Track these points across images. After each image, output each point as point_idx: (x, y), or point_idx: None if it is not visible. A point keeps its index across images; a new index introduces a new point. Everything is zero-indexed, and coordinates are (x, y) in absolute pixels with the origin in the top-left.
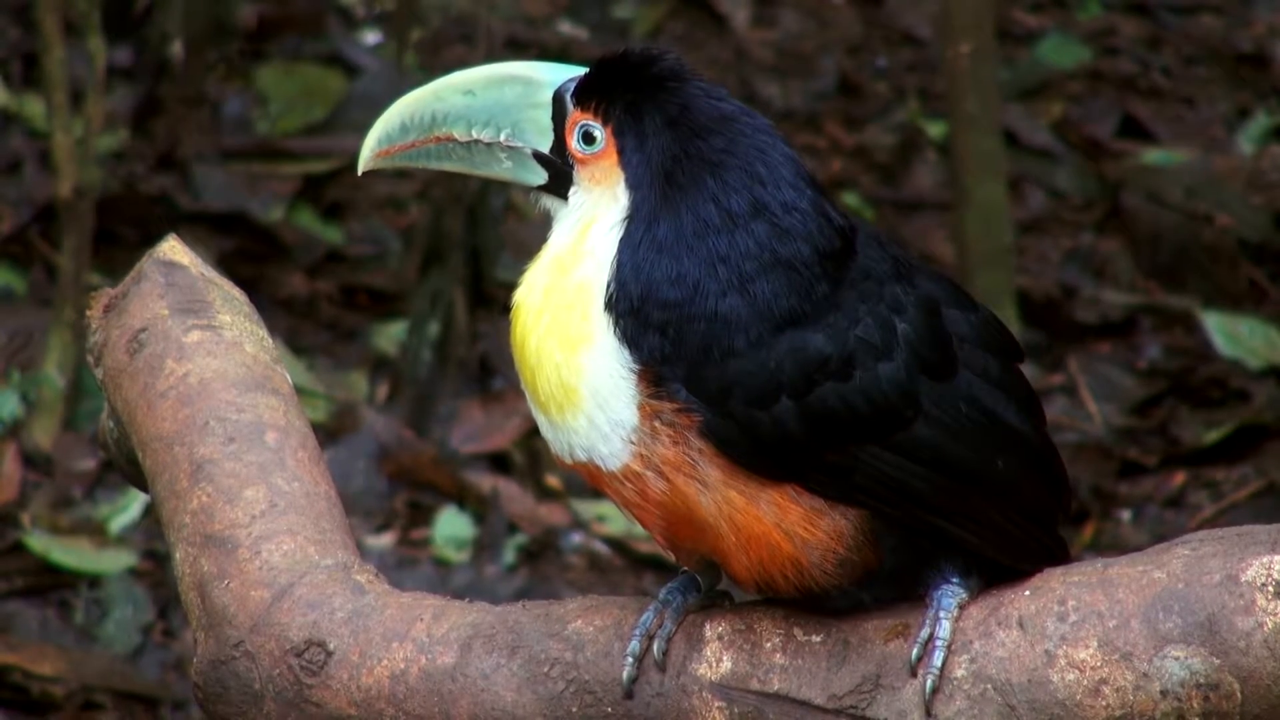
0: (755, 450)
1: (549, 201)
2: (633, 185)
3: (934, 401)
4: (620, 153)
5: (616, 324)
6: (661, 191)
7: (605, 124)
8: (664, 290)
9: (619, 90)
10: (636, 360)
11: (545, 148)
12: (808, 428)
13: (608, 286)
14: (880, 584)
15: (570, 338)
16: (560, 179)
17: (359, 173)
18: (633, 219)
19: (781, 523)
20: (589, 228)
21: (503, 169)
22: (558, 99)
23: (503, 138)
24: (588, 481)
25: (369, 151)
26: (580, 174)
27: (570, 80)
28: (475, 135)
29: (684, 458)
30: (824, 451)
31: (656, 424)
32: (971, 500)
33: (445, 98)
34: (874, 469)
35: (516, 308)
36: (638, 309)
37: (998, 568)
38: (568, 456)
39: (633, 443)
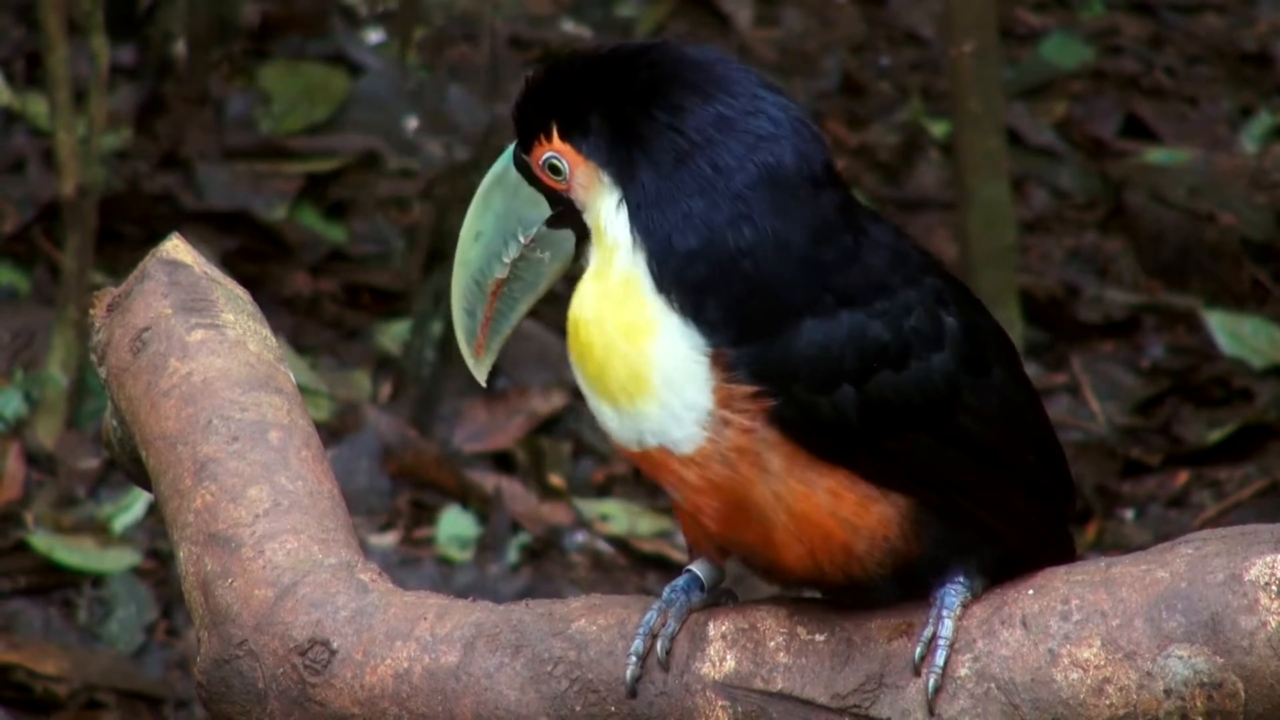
0: (816, 435)
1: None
2: (606, 165)
3: (973, 395)
4: (580, 152)
5: (670, 301)
6: (630, 155)
7: (551, 141)
8: (681, 240)
9: (547, 112)
10: (707, 342)
11: (549, 211)
12: (864, 414)
13: (647, 266)
14: (914, 576)
15: (633, 329)
16: (578, 221)
17: (483, 384)
18: (627, 196)
19: (836, 510)
20: (604, 228)
21: (548, 264)
22: (518, 163)
23: (524, 240)
24: (647, 472)
25: (471, 359)
26: (577, 200)
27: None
28: (508, 261)
29: (751, 443)
30: (878, 438)
31: (729, 411)
32: (1007, 492)
33: (469, 259)
34: (923, 457)
35: (573, 324)
36: (677, 272)
37: (1005, 567)
38: (635, 445)
39: (705, 427)
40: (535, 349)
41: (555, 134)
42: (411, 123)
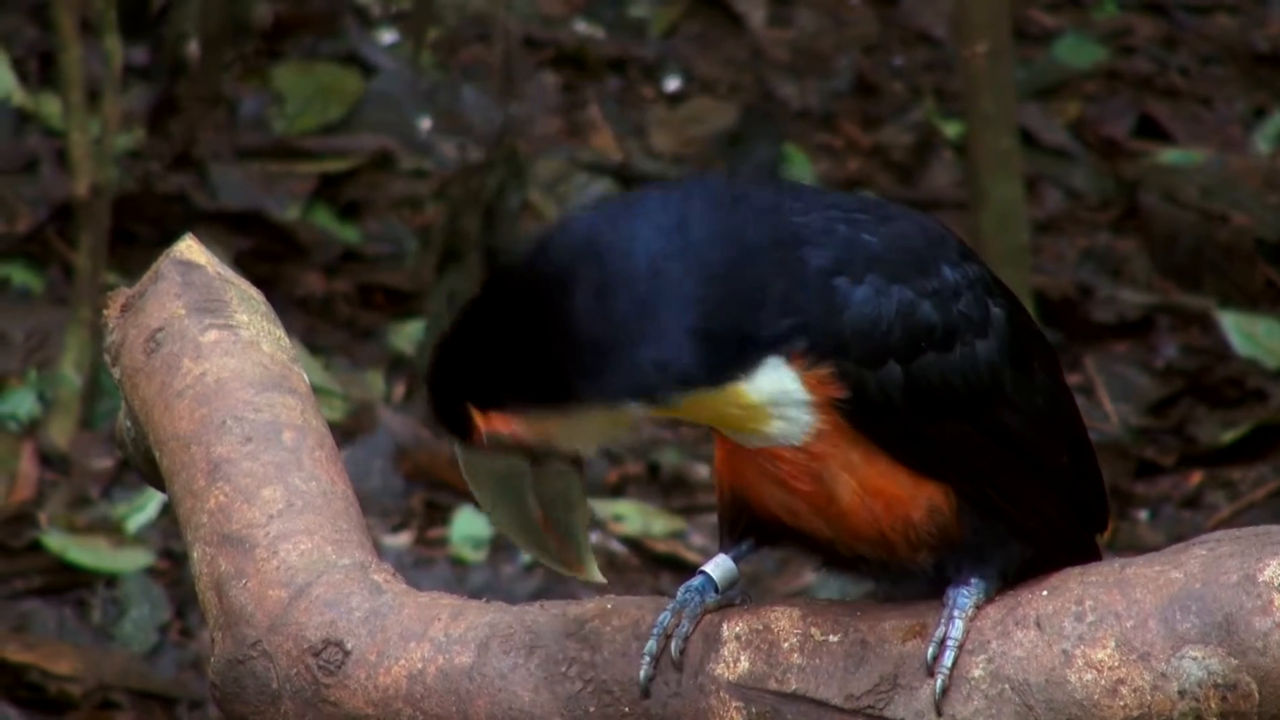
0: (860, 413)
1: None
2: (550, 408)
3: (1015, 390)
4: (512, 415)
5: (700, 385)
6: (560, 386)
7: (484, 422)
8: (676, 370)
9: (456, 401)
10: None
11: (525, 462)
12: (909, 395)
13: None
14: (952, 564)
15: (726, 410)
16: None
17: (603, 580)
18: (595, 408)
19: (895, 475)
20: (609, 424)
21: (563, 488)
22: (470, 449)
23: (529, 485)
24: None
25: (577, 574)
26: (538, 446)
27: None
28: (534, 504)
29: (829, 416)
30: (920, 423)
31: (815, 393)
32: (1039, 492)
33: (504, 519)
34: (961, 447)
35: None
36: (681, 380)
37: (1028, 569)
38: (755, 446)
39: (808, 415)
40: None
41: (481, 415)
42: (425, 123)
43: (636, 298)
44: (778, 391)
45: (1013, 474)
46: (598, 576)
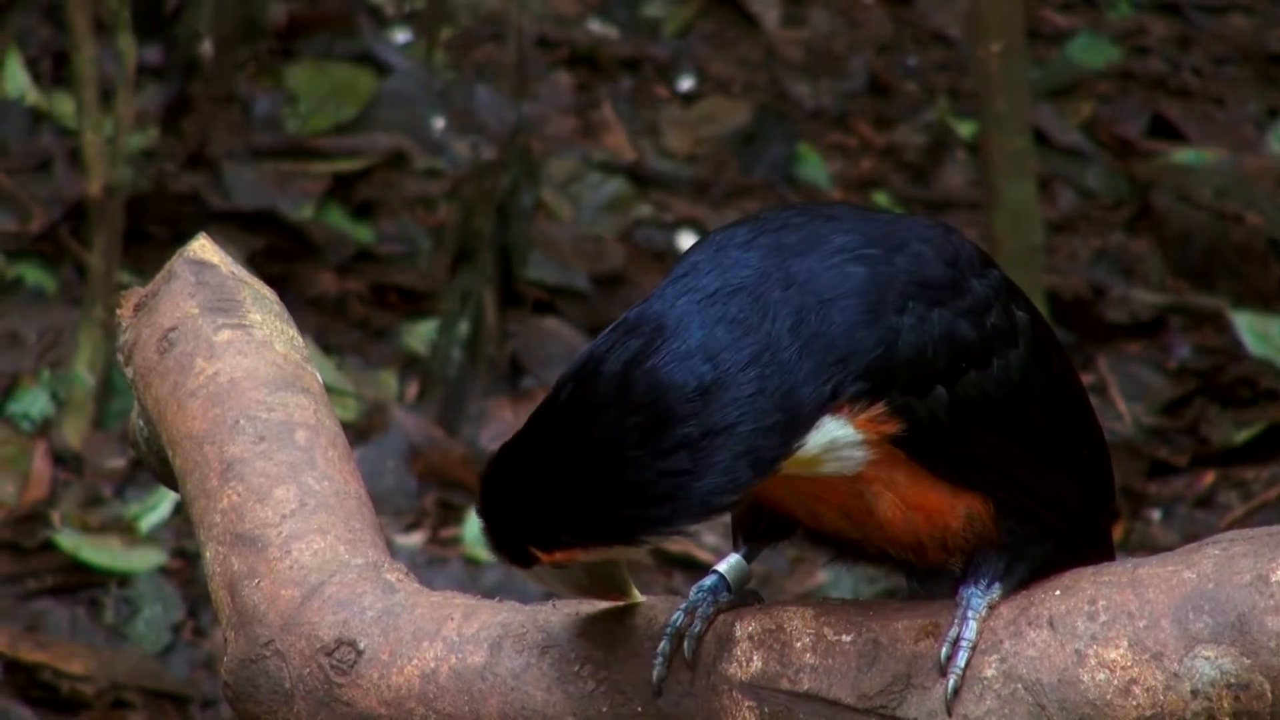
0: (909, 437)
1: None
2: (611, 544)
3: (1041, 390)
4: (577, 549)
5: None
6: (621, 527)
7: (549, 556)
8: (721, 495)
9: (522, 546)
10: (810, 401)
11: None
12: (953, 414)
13: (732, 486)
14: (991, 560)
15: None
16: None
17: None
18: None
19: (938, 491)
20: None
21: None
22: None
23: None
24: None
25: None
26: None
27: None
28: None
29: (881, 447)
30: (962, 439)
31: (866, 430)
32: (1065, 488)
33: (563, 591)
34: (997, 456)
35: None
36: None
37: (1049, 566)
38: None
39: (860, 450)
40: (561, 349)
41: (545, 553)
42: (438, 122)
43: (687, 436)
44: (827, 443)
45: (1044, 474)
46: (639, 598)
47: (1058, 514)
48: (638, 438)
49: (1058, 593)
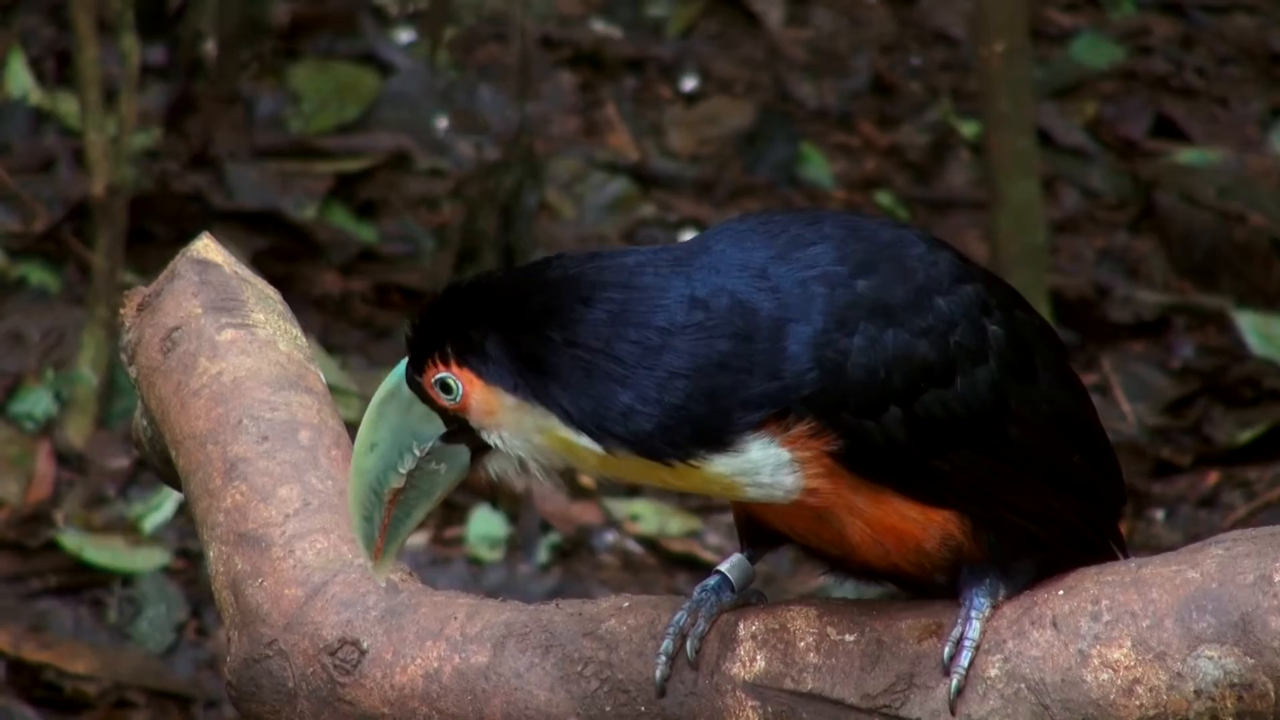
0: (863, 459)
1: (492, 465)
2: (512, 388)
3: (1020, 403)
4: (478, 374)
5: (681, 458)
6: (536, 373)
7: (446, 365)
8: (636, 427)
9: (436, 331)
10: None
11: (442, 428)
12: (912, 435)
13: (637, 455)
14: (976, 573)
15: (689, 477)
16: (474, 439)
17: (382, 584)
18: (553, 413)
19: (906, 513)
20: (559, 437)
21: (443, 476)
22: (410, 383)
23: (419, 453)
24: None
25: (370, 563)
26: (474, 421)
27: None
28: (404, 472)
29: (825, 469)
30: (925, 458)
31: (799, 450)
32: (1053, 499)
33: (364, 468)
34: (968, 473)
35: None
36: (664, 446)
37: (1053, 567)
38: (751, 502)
39: (792, 474)
40: None
41: (451, 358)
42: (442, 122)
43: (643, 344)
44: (745, 466)
45: (1024, 488)
46: (384, 577)
47: (1042, 525)
48: (609, 312)
49: (1061, 593)
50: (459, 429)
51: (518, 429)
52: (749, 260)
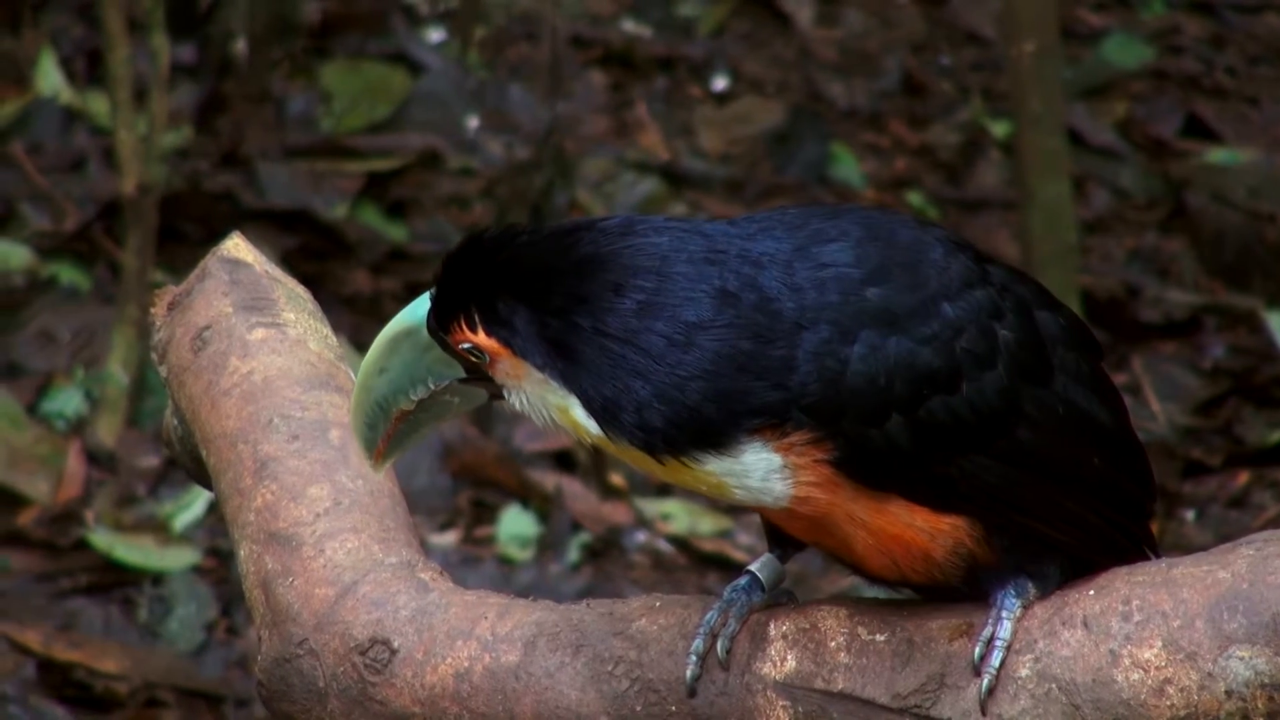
0: (866, 467)
1: (507, 404)
2: (540, 366)
3: (1034, 406)
4: (506, 345)
5: (681, 459)
6: (562, 356)
7: (474, 332)
8: (647, 421)
9: (464, 296)
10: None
11: (462, 374)
12: (916, 442)
13: (639, 448)
14: (989, 579)
15: (680, 473)
16: (495, 386)
17: (379, 475)
18: (573, 393)
19: (912, 521)
20: (569, 414)
21: (456, 406)
22: (432, 333)
23: (433, 386)
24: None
25: (369, 459)
26: (498, 378)
27: (426, 312)
28: (415, 398)
29: (822, 478)
30: (931, 464)
31: (794, 456)
32: (1070, 502)
33: (372, 386)
34: (978, 478)
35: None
36: (665, 444)
37: (1080, 566)
38: (740, 505)
39: (784, 480)
40: None
41: (479, 326)
42: (472, 122)
43: (670, 339)
44: (735, 469)
45: (1037, 492)
46: (379, 472)
47: (1058, 528)
48: (639, 300)
49: (1092, 592)
50: (480, 377)
51: (538, 396)
52: (778, 253)
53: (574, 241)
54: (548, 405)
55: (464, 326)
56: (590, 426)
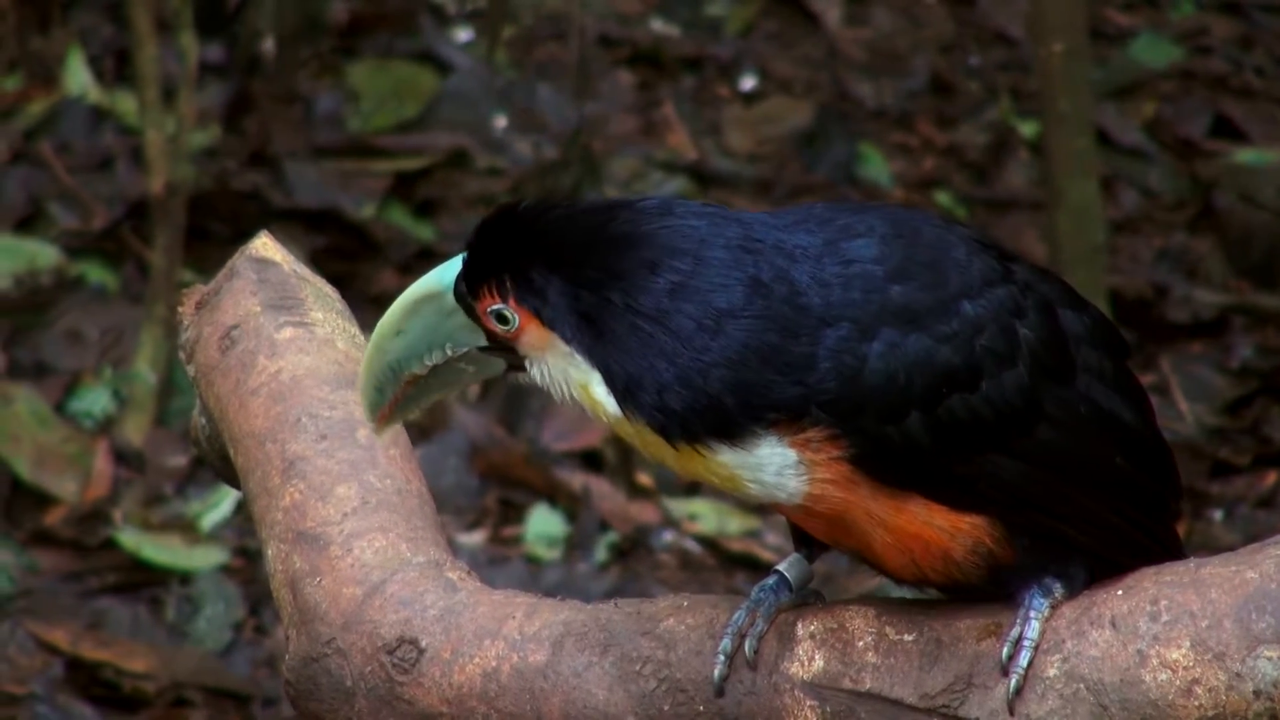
0: (885, 465)
1: (524, 377)
2: (568, 338)
3: (1055, 405)
4: (536, 315)
5: (696, 446)
6: (597, 340)
7: (505, 300)
8: (668, 404)
9: (498, 262)
10: (754, 429)
11: (483, 342)
12: (936, 440)
13: (655, 432)
14: (1011, 579)
15: (691, 461)
16: (514, 357)
17: (380, 439)
18: (603, 378)
19: (930, 519)
20: (588, 391)
21: (470, 375)
22: (459, 298)
23: (450, 352)
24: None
25: (372, 421)
26: (521, 348)
27: (455, 276)
28: (429, 364)
29: (839, 475)
30: (951, 462)
31: (810, 453)
32: (1091, 502)
33: (387, 348)
34: (998, 477)
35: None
36: (680, 430)
37: (1105, 566)
38: (752, 501)
39: (798, 476)
40: None
41: (510, 294)
42: (500, 121)
43: (699, 323)
44: (749, 462)
45: (1058, 492)
46: (382, 436)
47: (1079, 528)
48: (673, 281)
49: (1120, 592)
50: (501, 347)
51: (560, 370)
52: (810, 246)
53: (611, 218)
54: (569, 380)
55: (494, 293)
56: (609, 405)
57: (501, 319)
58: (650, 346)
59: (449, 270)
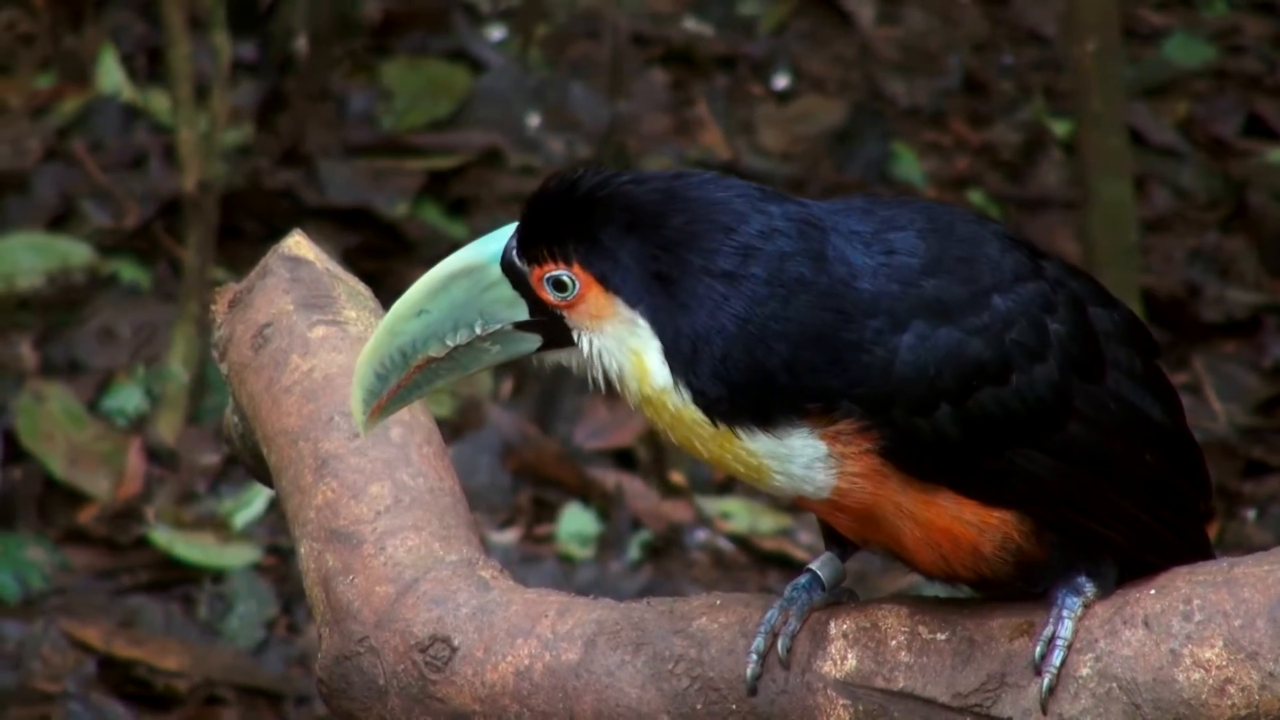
0: (915, 457)
1: (556, 356)
2: (634, 302)
3: (1085, 401)
4: (601, 280)
5: (737, 431)
6: (662, 293)
7: (569, 264)
8: (720, 381)
9: (562, 227)
10: (795, 411)
11: (524, 316)
12: (966, 433)
13: (699, 408)
14: (1041, 576)
15: (724, 446)
16: (556, 333)
17: (364, 436)
18: (657, 335)
19: (960, 514)
20: (641, 361)
21: (492, 355)
22: (508, 267)
23: (479, 331)
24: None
25: (361, 415)
26: (573, 319)
27: (508, 243)
28: (451, 345)
29: (869, 468)
30: (980, 456)
31: (840, 445)
32: (1120, 499)
33: (401, 330)
34: (1028, 472)
35: (673, 436)
36: (725, 414)
37: (1133, 565)
38: (778, 495)
39: (828, 469)
40: None
41: (575, 258)
42: (533, 119)
43: (771, 288)
44: (780, 452)
45: (1088, 488)
46: (366, 434)
47: (1109, 525)
48: (756, 246)
49: (1153, 592)
50: (544, 321)
51: (614, 339)
52: (862, 232)
53: (681, 185)
54: (623, 348)
55: (556, 258)
56: (659, 377)
57: (559, 285)
58: (724, 309)
59: (490, 243)
